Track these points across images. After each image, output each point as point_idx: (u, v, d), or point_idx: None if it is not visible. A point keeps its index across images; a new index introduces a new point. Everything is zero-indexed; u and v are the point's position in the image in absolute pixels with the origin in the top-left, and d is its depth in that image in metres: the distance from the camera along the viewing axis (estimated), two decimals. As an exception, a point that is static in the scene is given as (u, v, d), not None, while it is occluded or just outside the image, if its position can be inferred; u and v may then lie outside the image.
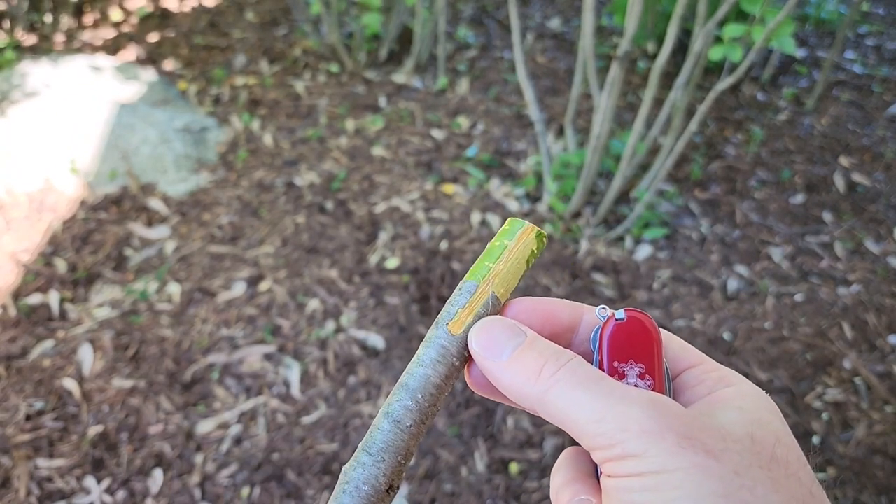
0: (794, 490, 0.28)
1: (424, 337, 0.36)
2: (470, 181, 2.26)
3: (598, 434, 0.29)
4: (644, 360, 0.34)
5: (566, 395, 0.30)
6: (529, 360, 0.32)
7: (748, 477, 0.27)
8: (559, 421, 0.31)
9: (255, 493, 1.44)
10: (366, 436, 0.34)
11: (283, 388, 1.63)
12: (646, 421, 0.28)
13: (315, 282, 1.88)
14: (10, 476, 1.44)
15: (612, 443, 0.28)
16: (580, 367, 0.31)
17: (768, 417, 0.31)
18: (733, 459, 0.28)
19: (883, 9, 3.59)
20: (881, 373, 1.73)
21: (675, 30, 1.62)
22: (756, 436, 0.29)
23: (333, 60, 2.86)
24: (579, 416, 0.30)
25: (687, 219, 2.18)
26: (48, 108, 2.27)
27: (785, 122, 2.66)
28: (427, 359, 0.35)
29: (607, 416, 0.29)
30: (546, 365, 0.31)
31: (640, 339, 0.34)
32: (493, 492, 1.46)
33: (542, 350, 0.32)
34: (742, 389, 0.32)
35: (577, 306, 0.37)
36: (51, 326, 1.74)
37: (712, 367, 0.34)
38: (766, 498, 0.27)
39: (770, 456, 0.29)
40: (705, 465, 0.27)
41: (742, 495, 0.27)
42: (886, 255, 2.09)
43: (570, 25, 3.27)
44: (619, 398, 0.29)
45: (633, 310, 0.35)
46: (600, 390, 0.30)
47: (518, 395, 0.32)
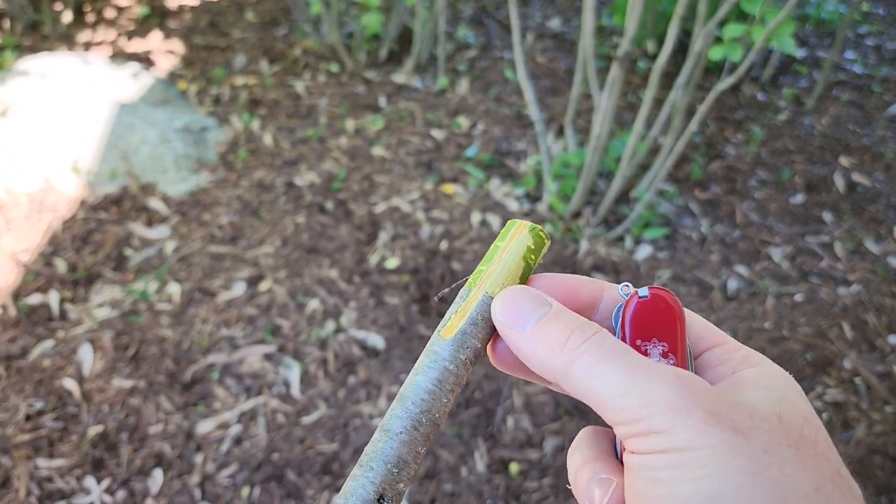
0: (823, 469, 0.27)
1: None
2: (470, 181, 2.26)
3: (622, 409, 0.28)
4: (667, 339, 0.33)
5: (591, 367, 0.30)
6: (554, 330, 0.31)
7: (776, 455, 0.27)
8: (582, 394, 0.30)
9: (255, 493, 1.44)
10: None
11: (283, 388, 1.63)
12: (672, 397, 0.27)
13: (315, 282, 1.88)
14: (10, 476, 1.44)
15: (637, 418, 0.28)
16: (606, 340, 0.31)
17: (794, 397, 0.30)
18: (761, 437, 0.27)
19: (883, 9, 3.59)
20: (881, 373, 1.73)
21: (676, 30, 1.62)
22: (784, 415, 0.29)
23: (333, 60, 2.86)
24: (604, 390, 0.29)
25: (687, 219, 2.18)
26: (48, 108, 2.27)
27: (785, 122, 2.66)
28: (420, 366, 0.34)
29: (633, 391, 0.28)
30: (571, 336, 0.31)
31: (664, 317, 0.33)
32: (493, 492, 1.46)
33: (567, 321, 0.32)
34: (766, 370, 0.32)
35: (599, 283, 0.36)
36: (51, 326, 1.74)
37: (735, 346, 0.34)
38: (794, 476, 0.26)
39: (798, 435, 0.28)
40: (733, 443, 0.26)
41: (770, 473, 0.26)
42: (886, 255, 2.09)
43: (570, 25, 3.27)
44: (646, 373, 0.29)
45: (656, 287, 0.34)
46: (626, 364, 0.29)
47: (541, 366, 0.32)
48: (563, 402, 1.63)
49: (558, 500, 1.45)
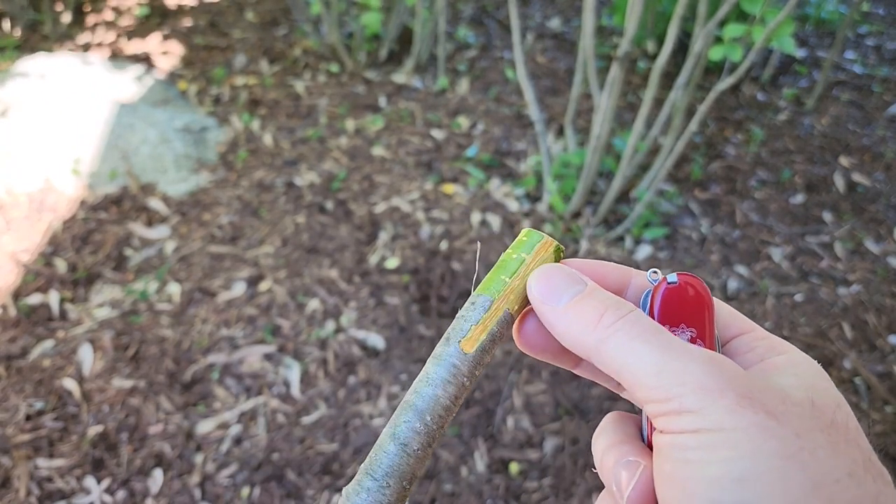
0: (854, 455, 0.27)
1: (433, 351, 0.35)
2: (470, 181, 2.26)
3: (655, 386, 0.28)
4: (695, 325, 0.33)
5: (625, 344, 0.30)
6: (589, 307, 0.32)
7: (808, 439, 0.26)
8: (614, 370, 0.30)
9: (255, 493, 1.44)
10: (369, 456, 0.33)
11: (283, 388, 1.63)
12: (705, 377, 0.27)
13: (315, 282, 1.88)
14: (10, 476, 1.44)
15: (669, 396, 0.28)
16: (641, 319, 0.31)
17: (825, 384, 0.30)
18: (793, 422, 0.27)
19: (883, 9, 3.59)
20: (881, 373, 1.73)
21: (676, 30, 1.62)
22: (816, 401, 0.28)
23: (333, 60, 2.86)
24: (637, 367, 0.29)
25: (687, 219, 2.18)
26: (48, 108, 2.27)
27: (785, 122, 2.66)
28: (437, 378, 0.33)
29: (665, 369, 0.28)
30: (606, 313, 0.31)
31: (693, 303, 0.33)
32: (493, 492, 1.46)
33: (602, 299, 0.32)
34: (794, 358, 0.32)
35: (626, 269, 0.36)
36: (51, 326, 1.74)
37: (762, 334, 0.34)
38: (826, 461, 0.26)
39: (830, 421, 0.28)
40: (765, 426, 0.26)
41: (802, 457, 0.26)
42: (886, 255, 2.09)
43: (570, 25, 3.27)
44: (680, 353, 0.29)
45: (685, 273, 0.34)
46: (660, 343, 0.29)
47: (573, 341, 0.32)
48: (562, 402, 1.63)
49: (558, 500, 1.45)
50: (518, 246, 0.36)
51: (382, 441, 0.32)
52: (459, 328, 0.34)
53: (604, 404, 1.62)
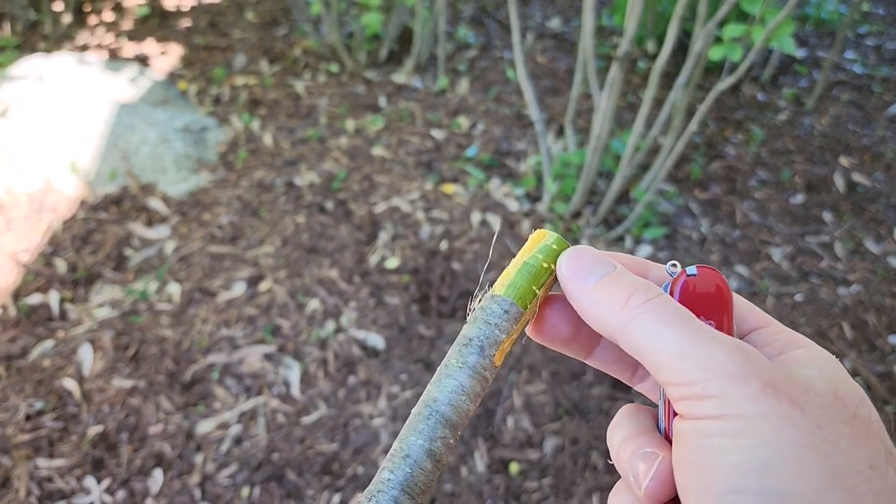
0: (877, 447, 0.27)
1: (457, 353, 0.33)
2: (470, 181, 2.26)
3: (679, 370, 0.28)
4: (715, 318, 0.33)
5: (651, 327, 0.30)
6: (618, 288, 0.32)
7: (831, 430, 0.27)
8: (639, 352, 0.30)
9: (255, 493, 1.44)
10: (401, 470, 0.30)
11: (283, 388, 1.63)
12: (730, 364, 0.27)
13: (315, 282, 1.88)
14: (10, 476, 1.44)
15: (693, 380, 0.28)
16: (670, 303, 0.31)
17: (847, 378, 0.30)
18: (816, 412, 0.27)
19: (883, 9, 3.59)
20: (881, 373, 1.73)
21: (676, 30, 1.62)
22: (839, 392, 0.28)
23: (333, 60, 2.86)
24: (662, 349, 0.29)
25: (687, 219, 2.18)
26: (48, 108, 2.27)
27: (785, 122, 2.66)
28: (472, 391, 0.32)
29: (691, 353, 0.28)
30: (634, 295, 0.31)
31: (712, 296, 0.33)
32: (493, 492, 1.46)
33: (631, 280, 0.32)
34: (814, 352, 0.32)
35: (644, 262, 0.36)
36: (51, 326, 1.74)
37: (780, 328, 0.34)
38: (847, 453, 0.26)
39: (853, 413, 0.28)
40: (788, 415, 0.26)
41: (824, 448, 0.26)
42: (886, 255, 2.09)
43: (570, 25, 3.27)
44: (706, 338, 0.29)
45: (705, 266, 0.34)
46: (687, 327, 0.29)
47: (599, 321, 0.32)
48: (562, 402, 1.63)
49: (558, 500, 1.45)
50: (546, 253, 0.35)
51: (418, 458, 0.31)
52: (493, 338, 0.33)
53: (604, 404, 1.62)
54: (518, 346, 1.73)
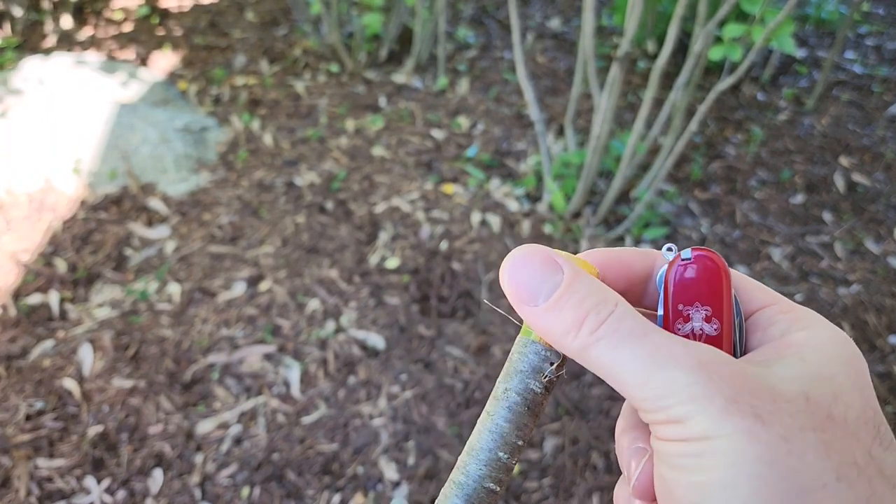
0: (850, 452, 0.26)
1: (500, 399, 0.33)
2: (470, 181, 2.26)
3: (642, 398, 0.28)
4: (710, 303, 0.32)
5: (608, 354, 0.28)
6: (567, 311, 0.29)
7: (798, 441, 0.26)
8: (603, 376, 0.29)
9: (255, 493, 1.44)
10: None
11: (283, 388, 1.63)
12: (692, 386, 0.27)
13: (315, 282, 1.88)
14: (10, 476, 1.44)
15: (657, 408, 0.27)
16: (623, 322, 0.29)
17: (830, 371, 0.29)
18: (783, 422, 0.26)
19: (883, 9, 3.59)
20: (881, 373, 1.73)
21: (676, 30, 1.62)
22: (811, 394, 0.27)
23: (333, 60, 2.86)
24: (623, 378, 0.28)
25: (687, 219, 2.18)
26: (48, 108, 2.27)
27: (785, 122, 2.66)
28: (508, 444, 0.33)
29: (651, 381, 0.27)
30: (588, 317, 0.29)
31: (707, 280, 0.32)
32: (493, 492, 1.45)
33: (582, 297, 0.29)
34: (816, 335, 0.30)
35: (649, 253, 0.35)
36: (51, 326, 1.74)
37: (787, 307, 0.32)
38: (814, 464, 0.26)
39: (825, 416, 0.27)
40: (751, 430, 0.26)
41: (789, 462, 0.25)
42: (886, 255, 2.09)
43: (570, 25, 3.27)
44: (664, 361, 0.27)
45: (700, 248, 0.33)
46: (644, 351, 0.28)
47: (556, 345, 0.30)
48: (562, 402, 1.63)
49: (558, 500, 1.45)
50: None
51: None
52: (530, 390, 0.33)
53: (604, 404, 1.62)
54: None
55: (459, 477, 0.32)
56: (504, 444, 0.32)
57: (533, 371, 0.32)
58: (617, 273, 0.34)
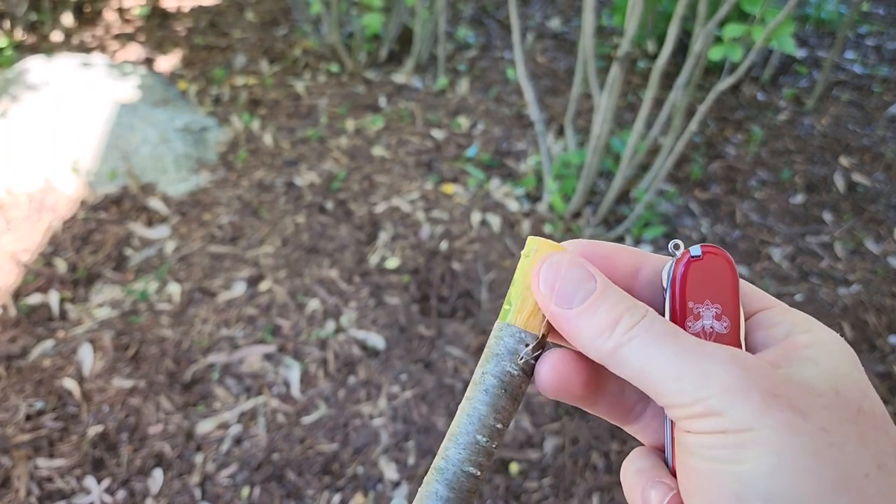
0: (884, 444, 0.27)
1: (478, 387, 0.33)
2: (470, 181, 2.26)
3: (677, 392, 0.28)
4: (721, 301, 0.32)
5: (641, 352, 0.29)
6: (602, 313, 0.30)
7: (837, 433, 0.26)
8: (633, 378, 0.30)
9: (255, 493, 1.44)
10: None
11: (283, 388, 1.63)
12: (728, 378, 0.27)
13: (315, 282, 1.88)
14: (10, 476, 1.44)
15: (693, 400, 0.27)
16: (656, 323, 0.30)
17: (849, 369, 0.29)
18: (821, 415, 0.27)
19: (883, 9, 3.59)
20: (881, 373, 1.73)
21: (676, 30, 1.62)
22: (841, 390, 0.28)
23: (333, 60, 2.86)
24: (656, 374, 0.28)
25: (687, 219, 2.18)
26: (48, 108, 2.27)
27: (785, 122, 2.66)
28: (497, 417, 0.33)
29: (687, 374, 0.28)
30: (621, 320, 0.30)
31: (718, 277, 0.32)
32: (493, 492, 1.46)
33: (615, 302, 0.30)
34: (820, 336, 0.31)
35: (640, 253, 0.35)
36: (51, 326, 1.74)
37: (786, 310, 0.33)
38: (855, 455, 0.26)
39: (857, 409, 0.28)
40: (792, 423, 0.26)
41: (831, 453, 0.26)
42: (886, 255, 2.09)
43: (570, 25, 3.27)
44: (699, 355, 0.28)
45: (709, 245, 0.32)
46: (678, 347, 0.29)
47: (586, 348, 0.31)
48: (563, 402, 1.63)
49: (558, 500, 1.45)
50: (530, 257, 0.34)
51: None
52: (508, 378, 0.33)
53: (604, 404, 1.62)
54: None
55: (440, 462, 0.32)
56: (483, 428, 0.32)
57: (509, 354, 0.32)
58: (600, 265, 0.34)
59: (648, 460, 0.34)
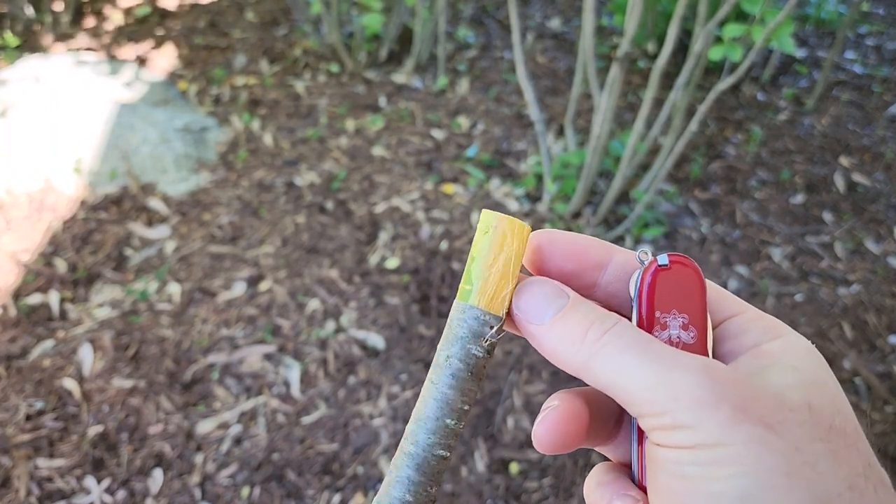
0: (855, 463, 0.27)
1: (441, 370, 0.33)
2: (470, 181, 2.26)
3: (648, 401, 0.27)
4: (688, 310, 0.31)
5: (613, 360, 0.29)
6: (573, 323, 0.30)
7: (810, 452, 0.26)
8: (605, 386, 0.29)
9: (255, 493, 1.44)
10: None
11: (283, 388, 1.63)
12: (698, 390, 0.26)
13: (315, 282, 1.88)
14: (10, 476, 1.44)
15: (663, 410, 0.27)
16: (627, 331, 0.29)
17: (824, 379, 0.29)
18: (793, 432, 0.26)
19: (883, 9, 3.59)
20: (881, 373, 1.73)
21: (676, 30, 1.62)
22: (814, 404, 0.27)
23: (333, 60, 2.86)
24: (627, 383, 0.28)
25: (687, 219, 2.18)
26: (48, 108, 2.27)
27: (785, 122, 2.66)
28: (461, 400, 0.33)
29: (657, 384, 0.27)
30: (591, 328, 0.30)
31: (685, 286, 0.32)
32: (493, 492, 1.46)
33: (586, 313, 0.31)
34: (792, 343, 0.30)
35: (608, 246, 0.34)
36: (51, 326, 1.74)
37: (756, 315, 0.32)
38: (828, 475, 0.26)
39: (828, 426, 0.27)
40: (764, 440, 0.26)
41: (804, 473, 0.25)
42: (886, 255, 2.09)
43: (570, 25, 3.27)
44: (671, 364, 0.28)
45: (676, 255, 0.32)
46: (650, 356, 0.28)
47: (561, 359, 0.31)
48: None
49: (558, 500, 1.45)
50: (488, 233, 0.32)
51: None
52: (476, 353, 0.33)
53: (604, 404, 1.62)
54: (518, 345, 1.73)
55: (409, 447, 0.32)
56: (451, 412, 0.32)
57: (473, 336, 0.32)
58: (568, 254, 0.34)
59: (611, 475, 0.34)
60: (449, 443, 0.32)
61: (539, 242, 0.34)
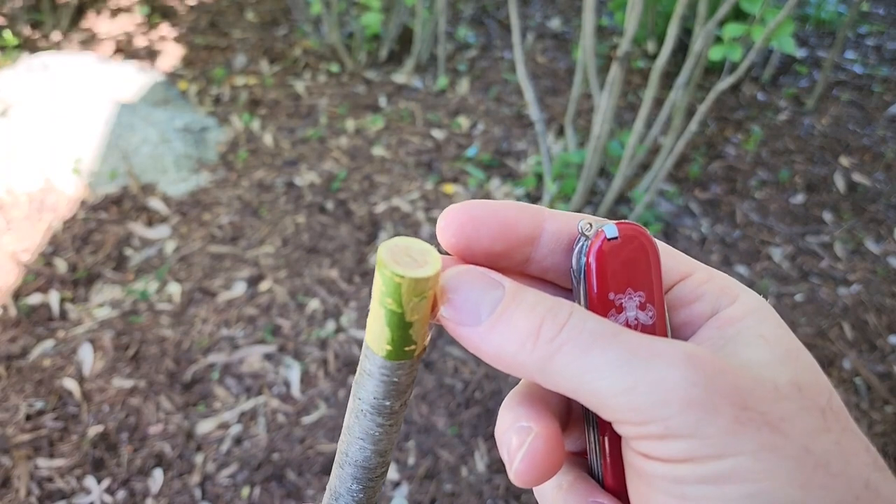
0: (862, 454, 0.23)
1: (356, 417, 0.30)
2: (470, 181, 2.26)
3: (628, 408, 0.22)
4: (643, 287, 0.27)
5: (576, 361, 0.23)
6: (518, 319, 0.24)
7: (819, 451, 0.22)
8: (569, 392, 0.24)
9: (255, 493, 1.44)
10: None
11: (283, 388, 1.63)
12: (690, 389, 0.22)
13: (315, 282, 1.88)
14: (10, 476, 1.44)
15: (650, 419, 0.22)
16: (587, 323, 0.24)
17: (793, 344, 0.25)
18: (797, 427, 0.22)
19: (883, 9, 3.59)
20: (881, 373, 1.73)
21: (676, 30, 1.62)
22: (800, 383, 0.24)
23: (333, 60, 2.86)
24: (598, 387, 0.23)
25: (687, 219, 2.18)
26: (48, 108, 2.27)
27: (785, 122, 2.66)
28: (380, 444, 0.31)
29: (636, 385, 0.22)
30: (543, 325, 0.24)
31: (637, 259, 0.27)
32: (493, 492, 1.46)
33: (532, 304, 0.25)
34: (748, 304, 0.27)
35: (536, 212, 0.29)
36: (51, 326, 1.74)
37: (706, 275, 0.28)
38: (843, 474, 0.22)
39: (822, 409, 0.23)
40: (773, 445, 0.22)
41: (819, 479, 0.22)
42: (886, 255, 2.09)
43: (570, 25, 3.27)
44: (648, 357, 0.23)
45: (626, 223, 0.27)
46: (620, 350, 0.23)
47: (509, 364, 0.25)
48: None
49: (558, 500, 1.45)
50: (394, 295, 0.25)
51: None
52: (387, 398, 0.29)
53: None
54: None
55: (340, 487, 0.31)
56: (376, 445, 0.29)
57: (385, 385, 0.28)
58: (494, 231, 0.28)
59: (570, 474, 0.29)
60: (382, 460, 0.30)
61: (459, 222, 0.28)
